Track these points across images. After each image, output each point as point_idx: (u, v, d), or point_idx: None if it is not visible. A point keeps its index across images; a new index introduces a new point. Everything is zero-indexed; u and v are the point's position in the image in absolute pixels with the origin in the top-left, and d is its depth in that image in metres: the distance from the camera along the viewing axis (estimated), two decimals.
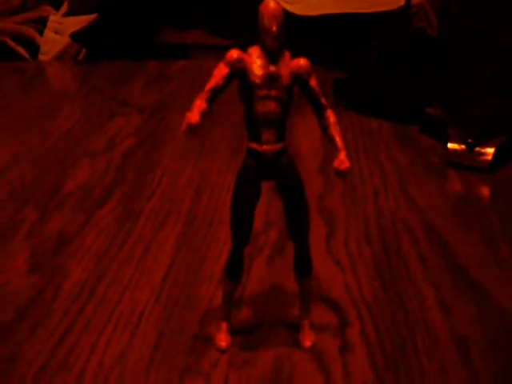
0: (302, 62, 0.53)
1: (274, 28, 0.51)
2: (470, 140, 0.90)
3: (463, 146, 0.91)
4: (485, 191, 0.87)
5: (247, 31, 0.55)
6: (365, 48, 1.10)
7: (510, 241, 0.75)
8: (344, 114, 1.04)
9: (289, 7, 1.16)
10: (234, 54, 0.52)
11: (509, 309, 0.64)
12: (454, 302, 0.65)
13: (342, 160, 0.53)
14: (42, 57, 1.39)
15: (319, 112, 0.55)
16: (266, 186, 0.56)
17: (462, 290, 0.67)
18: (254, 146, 0.54)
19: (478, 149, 0.90)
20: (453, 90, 0.96)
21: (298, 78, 0.53)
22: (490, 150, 0.90)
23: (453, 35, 0.99)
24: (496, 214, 0.81)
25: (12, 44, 1.39)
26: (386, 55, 1.06)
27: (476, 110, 0.92)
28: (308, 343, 0.58)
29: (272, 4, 0.51)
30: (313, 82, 0.54)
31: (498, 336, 0.61)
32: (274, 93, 0.53)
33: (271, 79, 0.52)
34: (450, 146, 0.92)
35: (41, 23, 1.43)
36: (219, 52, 0.54)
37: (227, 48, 0.53)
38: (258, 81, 0.52)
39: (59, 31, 1.40)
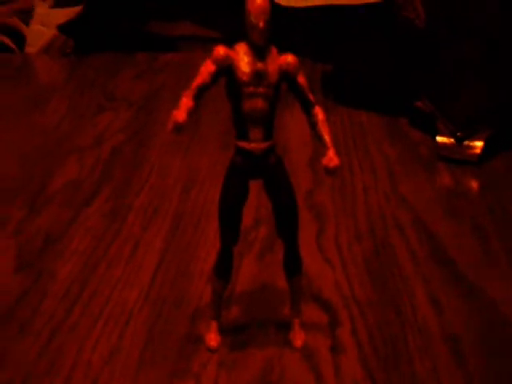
0: (290, 58, 0.53)
1: (261, 24, 0.50)
2: (458, 133, 0.90)
3: (452, 140, 0.90)
4: (474, 184, 0.87)
5: (237, 23, 0.54)
6: (352, 41, 1.10)
7: (499, 233, 0.75)
8: (333, 108, 1.04)
9: None
10: (220, 50, 0.52)
11: (499, 303, 0.64)
12: (444, 298, 0.65)
13: (331, 158, 0.53)
14: (28, 49, 1.38)
15: (307, 109, 0.54)
16: (257, 182, 0.55)
17: (452, 284, 0.67)
18: (241, 144, 0.53)
19: (466, 142, 0.90)
20: (441, 82, 0.96)
21: (286, 75, 0.52)
22: (479, 144, 0.89)
23: (440, 26, 0.99)
24: (485, 207, 0.80)
25: None
26: (374, 48, 1.05)
27: (464, 103, 0.92)
28: (298, 343, 0.58)
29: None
30: (301, 79, 0.53)
31: (490, 332, 0.61)
32: (261, 90, 0.52)
33: (258, 76, 0.52)
34: (439, 139, 0.91)
35: (27, 14, 1.42)
36: (209, 44, 0.53)
37: (217, 40, 0.52)
38: (245, 78, 0.52)
39: (46, 23, 1.39)
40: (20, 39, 1.38)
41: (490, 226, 0.77)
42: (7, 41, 1.37)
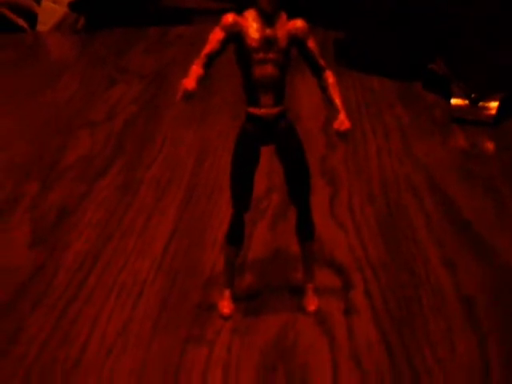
0: (299, 23, 0.52)
1: None
2: (473, 95, 0.89)
3: (466, 102, 0.89)
4: (489, 145, 0.86)
5: None
6: (364, 5, 1.08)
7: None
8: (345, 73, 1.03)
9: None
10: (229, 17, 0.51)
11: None
12: (458, 260, 0.64)
13: (342, 121, 0.52)
14: (40, 27, 1.38)
15: (318, 73, 0.54)
16: (269, 149, 0.55)
17: (466, 246, 0.66)
18: (252, 110, 0.53)
19: (481, 103, 0.89)
20: (456, 45, 0.94)
21: (296, 40, 0.52)
22: (494, 104, 0.88)
23: None
24: (500, 168, 0.80)
25: (11, 15, 1.38)
26: (387, 12, 1.04)
27: (479, 64, 0.91)
28: (312, 307, 0.58)
29: None
30: (310, 44, 0.53)
31: (504, 295, 0.60)
32: (271, 56, 0.52)
33: (268, 42, 0.51)
34: (454, 101, 0.90)
35: None
36: (220, 16, 0.52)
37: (227, 12, 0.52)
38: (254, 44, 0.51)
39: (57, 1, 1.39)
40: (32, 18, 1.39)
41: (505, 187, 0.76)
42: (21, 22, 1.38)
